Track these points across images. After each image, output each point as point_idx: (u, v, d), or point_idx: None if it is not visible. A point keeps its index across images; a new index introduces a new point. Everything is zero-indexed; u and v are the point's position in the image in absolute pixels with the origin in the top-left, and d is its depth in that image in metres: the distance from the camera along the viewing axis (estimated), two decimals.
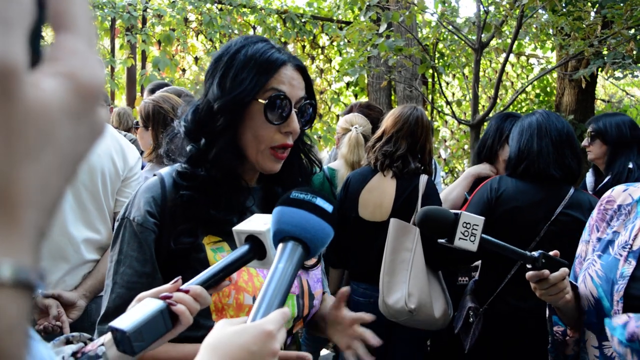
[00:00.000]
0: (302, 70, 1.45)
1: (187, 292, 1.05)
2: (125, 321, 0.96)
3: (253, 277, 1.39)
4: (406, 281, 2.84)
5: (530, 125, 2.68)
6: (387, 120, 3.12)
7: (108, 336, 1.03)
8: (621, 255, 1.65)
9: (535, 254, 1.65)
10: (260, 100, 1.36)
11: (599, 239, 1.77)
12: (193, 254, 1.34)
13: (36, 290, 0.36)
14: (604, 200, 1.78)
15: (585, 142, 3.48)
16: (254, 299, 1.35)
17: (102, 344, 1.04)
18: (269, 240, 1.10)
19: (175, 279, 1.08)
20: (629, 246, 1.64)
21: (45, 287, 2.19)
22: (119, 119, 4.71)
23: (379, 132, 3.14)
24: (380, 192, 3.03)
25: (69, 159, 0.38)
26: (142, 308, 1.00)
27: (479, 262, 3.07)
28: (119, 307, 1.29)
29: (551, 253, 1.67)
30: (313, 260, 1.54)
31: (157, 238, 1.35)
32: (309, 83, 1.47)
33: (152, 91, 4.17)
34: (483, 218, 1.59)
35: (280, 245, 0.95)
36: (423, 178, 2.98)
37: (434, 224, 1.63)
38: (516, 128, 2.76)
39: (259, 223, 1.13)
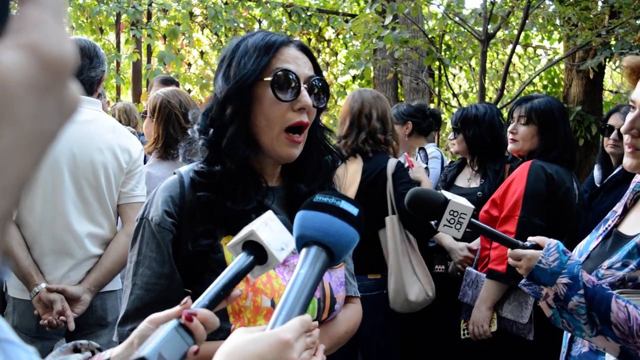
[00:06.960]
0: (307, 51, 1.41)
1: (195, 315, 0.98)
2: (144, 348, 0.90)
3: (272, 279, 1.33)
4: (414, 273, 2.87)
5: (562, 112, 2.85)
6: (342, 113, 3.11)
7: (116, 350, 0.99)
8: (601, 234, 1.68)
9: (527, 244, 1.61)
10: (265, 79, 1.32)
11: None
12: (211, 255, 1.31)
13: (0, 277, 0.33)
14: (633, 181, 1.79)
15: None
16: (272, 301, 1.31)
17: (109, 358, 1.00)
18: (263, 238, 1.02)
19: (184, 300, 1.01)
20: (608, 225, 1.67)
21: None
22: (127, 117, 4.68)
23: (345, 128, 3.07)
24: (348, 178, 2.98)
25: (34, 138, 0.35)
26: (158, 331, 0.93)
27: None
28: (138, 308, 1.27)
29: (536, 239, 1.62)
30: None
31: (175, 238, 1.32)
32: (315, 64, 1.42)
33: (164, 82, 4.24)
34: (472, 207, 1.54)
35: (304, 250, 0.89)
36: (392, 161, 2.95)
37: (422, 204, 1.58)
38: (549, 111, 2.81)
39: (248, 226, 1.05)
